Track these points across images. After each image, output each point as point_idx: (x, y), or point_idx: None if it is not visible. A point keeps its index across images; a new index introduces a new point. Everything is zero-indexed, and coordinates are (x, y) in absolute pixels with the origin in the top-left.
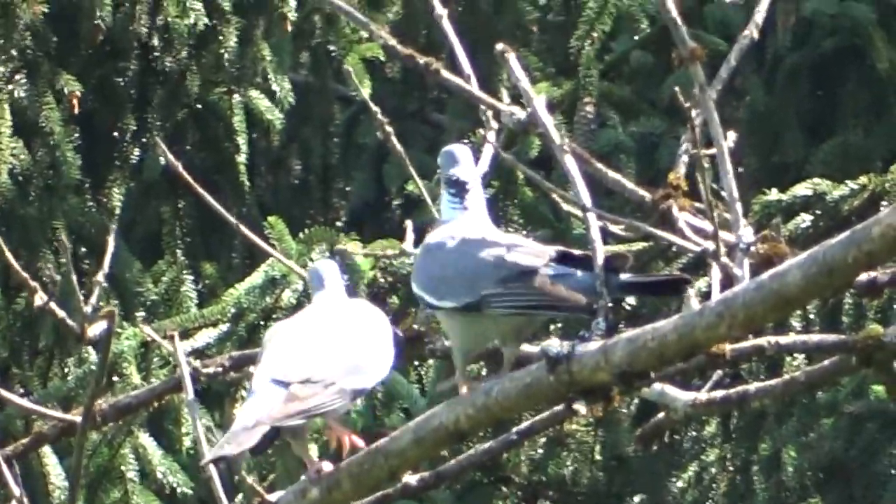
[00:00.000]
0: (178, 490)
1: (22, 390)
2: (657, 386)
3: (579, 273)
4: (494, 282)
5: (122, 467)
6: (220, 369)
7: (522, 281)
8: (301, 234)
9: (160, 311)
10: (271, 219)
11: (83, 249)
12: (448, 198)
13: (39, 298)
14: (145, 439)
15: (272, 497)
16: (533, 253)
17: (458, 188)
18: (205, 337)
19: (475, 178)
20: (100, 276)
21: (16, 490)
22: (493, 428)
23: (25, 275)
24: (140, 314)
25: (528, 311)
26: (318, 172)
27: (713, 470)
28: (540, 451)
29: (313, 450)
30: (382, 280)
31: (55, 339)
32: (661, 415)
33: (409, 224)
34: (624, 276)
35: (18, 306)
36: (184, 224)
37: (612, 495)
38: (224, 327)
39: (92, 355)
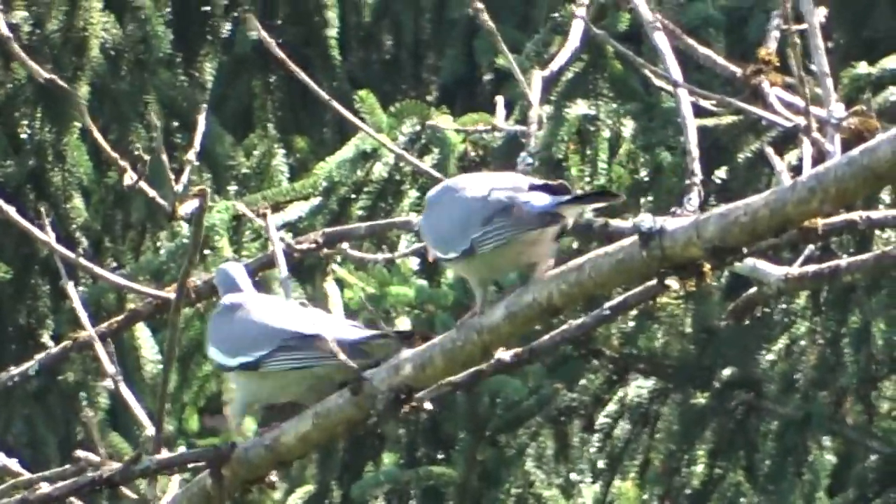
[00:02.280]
0: None
1: (115, 264)
2: (749, 261)
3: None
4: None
5: None
6: (313, 245)
7: (505, 216)
8: (392, 108)
9: (252, 184)
10: (362, 92)
11: (175, 124)
12: None
13: (129, 178)
14: None
15: (367, 374)
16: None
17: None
18: (296, 210)
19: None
20: (191, 155)
21: (110, 368)
22: (585, 303)
23: (115, 154)
24: (232, 188)
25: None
26: (409, 48)
27: (803, 343)
28: (631, 324)
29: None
30: (473, 153)
31: (147, 214)
32: (753, 289)
33: (499, 99)
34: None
35: (111, 180)
36: (275, 98)
37: (703, 368)
38: (315, 200)
39: (184, 229)
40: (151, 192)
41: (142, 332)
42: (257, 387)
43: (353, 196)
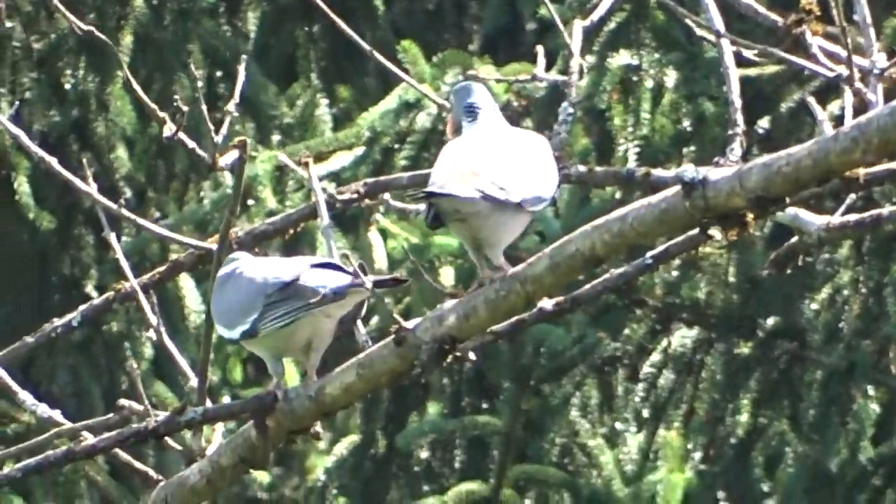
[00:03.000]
0: None
1: (158, 214)
2: (791, 210)
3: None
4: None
5: None
6: (355, 195)
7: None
8: (434, 59)
9: (295, 134)
10: (405, 43)
11: (218, 73)
12: (464, 121)
13: (168, 129)
14: None
15: (409, 324)
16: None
17: (472, 111)
18: (339, 160)
19: (488, 104)
20: (231, 106)
21: (153, 318)
22: (627, 252)
23: (154, 105)
24: (275, 137)
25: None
26: None
27: (846, 292)
28: (674, 273)
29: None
30: (516, 103)
31: (191, 164)
32: (794, 238)
33: (540, 49)
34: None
35: (154, 130)
36: (318, 48)
37: (746, 317)
38: (359, 151)
39: (228, 178)
40: (191, 143)
41: (186, 282)
42: (270, 346)
43: (397, 146)
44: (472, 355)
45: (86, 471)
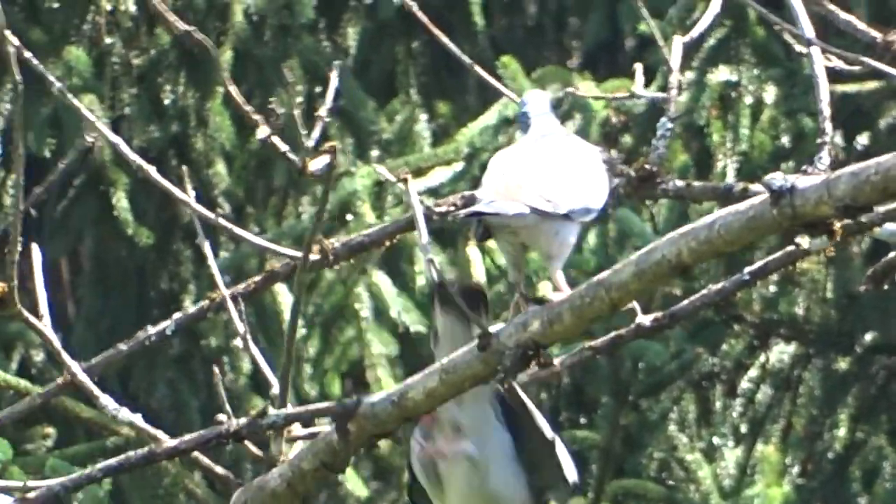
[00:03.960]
0: (412, 328)
1: (257, 229)
2: (889, 225)
3: None
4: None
5: (357, 305)
6: (452, 208)
7: None
8: (534, 74)
9: (394, 149)
10: (505, 58)
11: (317, 89)
12: (519, 132)
13: (262, 132)
14: (379, 277)
15: (492, 329)
16: None
17: (525, 121)
18: (438, 176)
19: (542, 112)
20: (322, 111)
21: (241, 326)
22: (725, 268)
23: (249, 107)
24: (374, 153)
25: None
26: (552, 14)
27: None
28: (772, 289)
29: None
30: (615, 120)
31: (289, 179)
32: (892, 254)
33: (638, 66)
34: None
35: (253, 145)
36: (417, 63)
37: (844, 333)
38: (457, 166)
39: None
40: (283, 147)
41: (283, 295)
42: None
43: None
44: (556, 361)
45: (185, 483)
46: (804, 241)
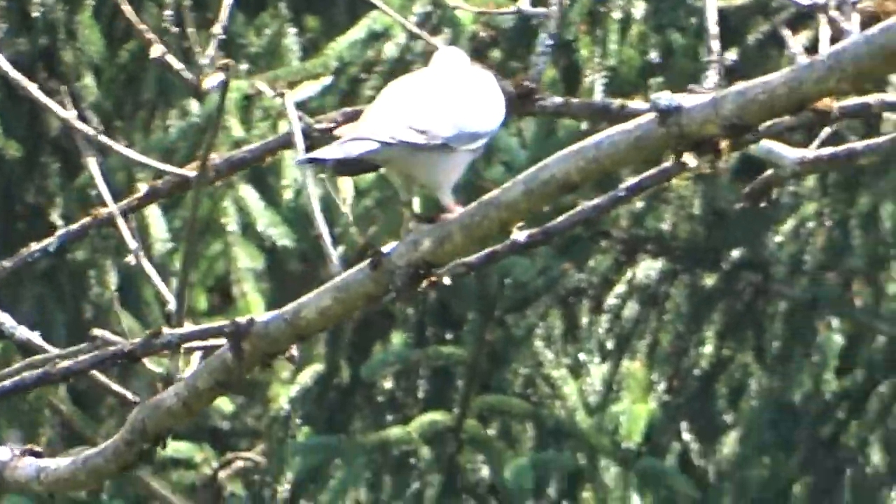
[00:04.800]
0: (278, 243)
1: (125, 143)
2: (766, 143)
3: None
4: None
5: (223, 220)
6: (332, 124)
7: None
8: None
9: (262, 63)
10: None
11: (187, 1)
12: None
13: (156, 50)
14: (247, 191)
15: (384, 249)
16: None
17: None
18: (307, 90)
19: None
20: (217, 28)
21: (132, 243)
22: (599, 184)
23: (143, 26)
24: (243, 66)
25: None
26: None
27: (811, 225)
28: (640, 205)
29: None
30: (484, 34)
31: (158, 92)
32: (768, 172)
33: None
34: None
35: (122, 60)
36: None
37: (711, 249)
38: (326, 80)
39: (194, 107)
40: (177, 65)
41: (152, 211)
42: None
43: (364, 76)
44: (447, 280)
45: (49, 399)
46: (690, 159)
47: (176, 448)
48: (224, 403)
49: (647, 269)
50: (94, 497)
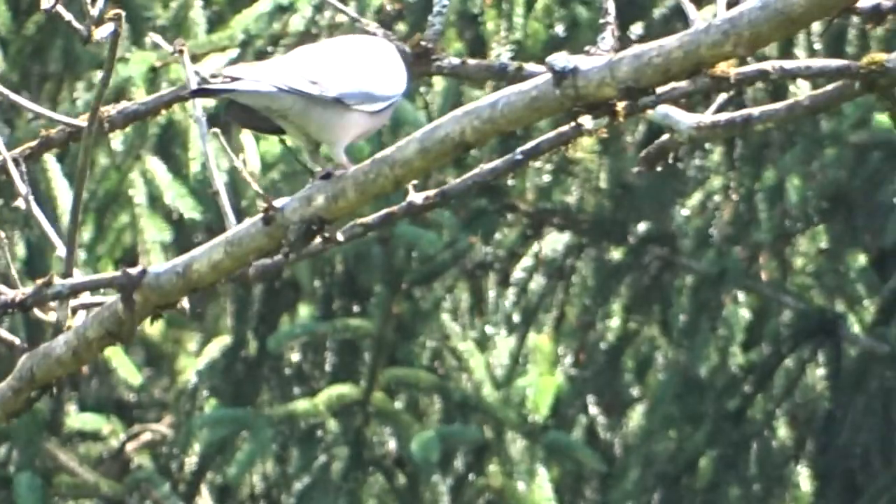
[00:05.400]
0: (186, 215)
1: (31, 115)
2: (662, 108)
3: None
4: None
5: (131, 191)
6: (228, 80)
7: None
8: None
9: (169, 35)
10: None
11: None
12: None
13: (47, 1)
14: (154, 163)
15: (278, 203)
16: None
17: None
18: (214, 62)
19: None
20: None
21: (23, 188)
22: (498, 148)
23: None
24: (149, 39)
25: None
26: None
27: (717, 198)
28: (546, 178)
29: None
30: (389, 7)
31: (65, 65)
32: (665, 136)
33: None
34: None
35: (28, 31)
36: None
37: (617, 223)
38: (232, 52)
39: (98, 77)
40: (67, 16)
41: (51, 163)
42: None
43: (270, 48)
44: (340, 236)
45: None
46: (587, 121)
47: (83, 420)
48: (132, 375)
49: (554, 242)
50: (1, 469)
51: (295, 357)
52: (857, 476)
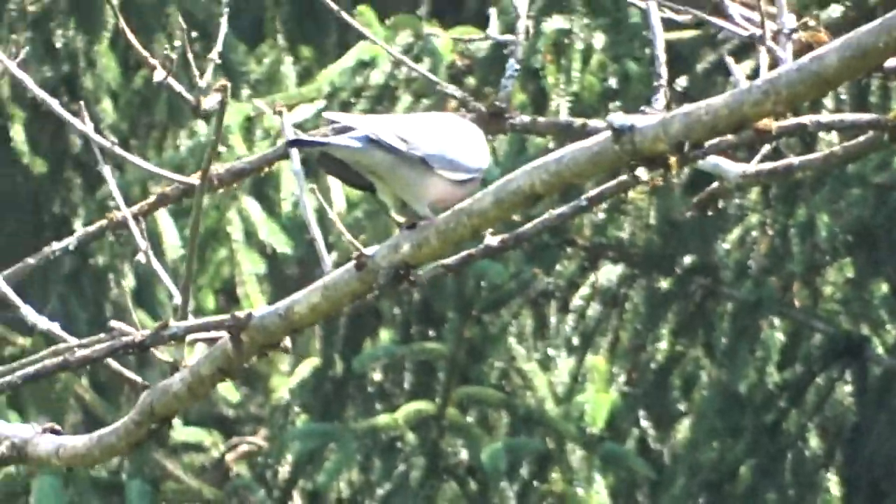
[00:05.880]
0: (278, 250)
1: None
2: (712, 159)
3: None
4: None
5: (229, 228)
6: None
7: None
8: (387, 21)
9: (262, 88)
10: (361, 7)
11: (194, 34)
12: None
13: (158, 74)
14: (249, 203)
15: (368, 251)
16: None
17: None
18: (302, 112)
19: None
20: (213, 54)
21: (142, 243)
22: (562, 193)
23: (146, 52)
24: (245, 92)
25: None
26: None
27: (755, 234)
28: (601, 216)
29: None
30: (460, 63)
31: (169, 115)
32: (714, 184)
33: (492, 11)
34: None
35: (136, 85)
36: (283, 11)
37: (665, 256)
38: (319, 104)
39: (202, 128)
40: (178, 87)
41: (164, 219)
42: None
43: (353, 100)
44: (423, 279)
45: (74, 389)
46: (643, 173)
47: (187, 433)
48: (230, 393)
49: (609, 273)
50: (115, 476)
51: (377, 377)
52: (882, 483)
